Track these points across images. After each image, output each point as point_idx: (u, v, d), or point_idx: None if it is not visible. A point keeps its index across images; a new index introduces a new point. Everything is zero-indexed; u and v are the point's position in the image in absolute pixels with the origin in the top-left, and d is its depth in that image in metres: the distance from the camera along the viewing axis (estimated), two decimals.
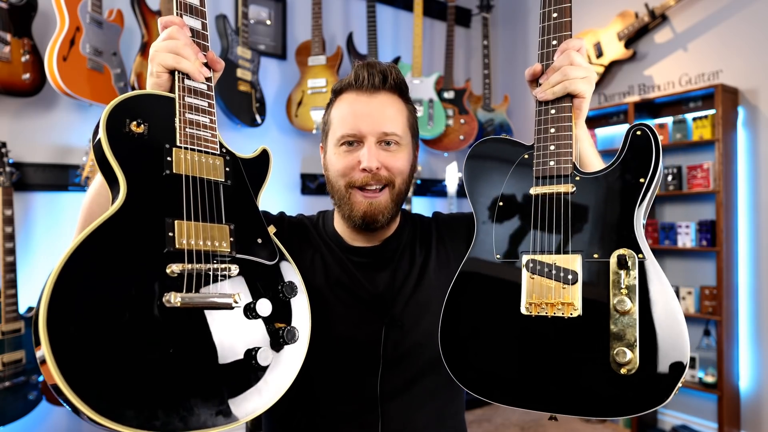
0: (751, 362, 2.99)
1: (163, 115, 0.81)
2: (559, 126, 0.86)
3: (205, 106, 0.85)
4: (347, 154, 1.01)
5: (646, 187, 0.80)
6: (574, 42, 0.87)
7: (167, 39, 0.83)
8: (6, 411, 2.17)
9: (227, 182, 0.85)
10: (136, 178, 0.76)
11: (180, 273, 0.74)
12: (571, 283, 0.80)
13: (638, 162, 0.81)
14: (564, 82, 0.85)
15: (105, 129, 0.75)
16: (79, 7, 2.35)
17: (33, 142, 2.51)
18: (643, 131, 0.82)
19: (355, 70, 1.04)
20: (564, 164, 0.85)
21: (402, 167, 1.03)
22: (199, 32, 0.87)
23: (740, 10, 3.04)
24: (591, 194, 0.83)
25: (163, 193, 0.77)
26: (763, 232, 2.96)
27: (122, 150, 0.76)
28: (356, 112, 1.01)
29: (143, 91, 0.82)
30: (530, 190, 0.87)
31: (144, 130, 0.78)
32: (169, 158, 0.79)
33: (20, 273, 2.31)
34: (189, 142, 0.82)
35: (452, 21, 3.89)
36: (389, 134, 1.01)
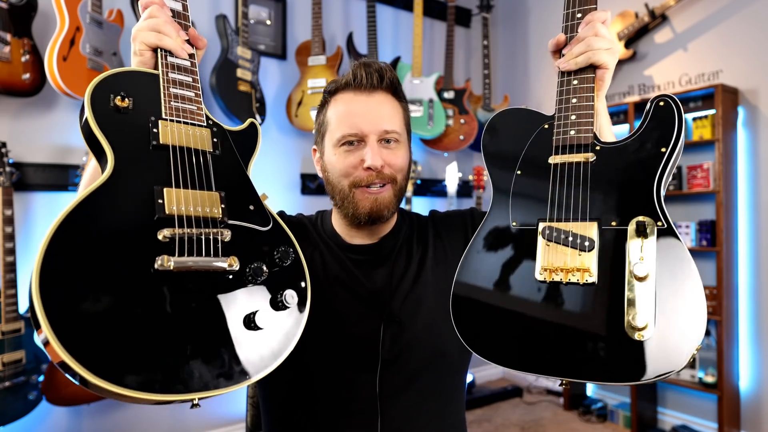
0: (751, 362, 2.99)
1: (148, 90, 0.82)
2: (580, 96, 0.86)
3: (189, 81, 0.86)
4: (349, 154, 1.02)
5: (668, 156, 0.79)
6: (599, 14, 0.87)
7: (148, 18, 0.85)
8: (6, 411, 2.17)
9: (215, 152, 0.85)
10: (124, 150, 0.77)
11: (172, 237, 0.73)
12: (588, 249, 0.79)
13: (660, 132, 0.81)
14: (588, 53, 0.85)
15: (90, 104, 0.76)
16: (79, 7, 2.36)
17: (33, 142, 2.51)
18: (666, 102, 0.81)
19: (352, 70, 1.05)
20: (585, 134, 0.85)
21: (402, 164, 1.05)
22: (180, 13, 0.89)
23: (740, 10, 3.04)
24: (611, 163, 0.83)
25: (151, 163, 0.78)
26: (763, 232, 2.96)
27: (108, 124, 0.77)
28: (356, 112, 1.01)
29: (127, 68, 0.83)
30: (549, 159, 0.87)
31: (129, 104, 0.79)
32: (156, 130, 0.80)
33: (20, 273, 2.31)
34: (175, 114, 0.82)
35: (452, 21, 3.89)
36: (390, 132, 1.02)
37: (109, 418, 2.68)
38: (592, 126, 0.85)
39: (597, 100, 0.87)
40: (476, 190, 3.66)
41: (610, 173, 0.82)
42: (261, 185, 3.21)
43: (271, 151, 3.35)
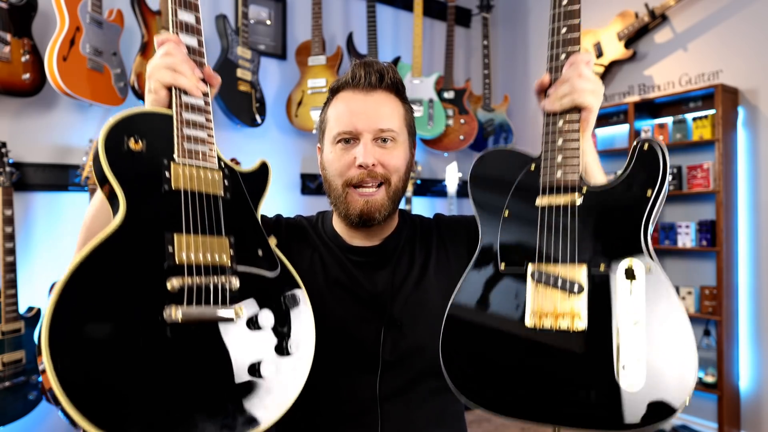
0: (751, 362, 2.99)
1: (161, 132, 0.81)
2: (566, 138, 0.87)
3: (202, 122, 0.85)
4: (343, 152, 1.01)
5: (654, 199, 0.80)
6: (583, 55, 0.88)
7: (164, 56, 0.84)
8: (6, 411, 2.17)
9: (226, 196, 0.85)
10: (136, 194, 0.77)
11: (180, 288, 0.74)
12: (577, 293, 0.80)
13: (645, 175, 0.81)
14: (572, 95, 0.86)
15: (104, 147, 0.76)
16: (79, 7, 2.35)
17: (33, 142, 2.51)
18: (650, 146, 0.82)
19: (351, 69, 1.04)
20: (571, 175, 0.85)
21: (398, 164, 1.03)
22: (196, 49, 0.88)
23: (740, 10, 3.04)
24: (598, 205, 0.83)
25: (162, 208, 0.78)
26: (763, 232, 2.96)
27: (121, 167, 0.77)
28: (352, 110, 1.01)
29: (141, 108, 0.82)
30: (536, 201, 0.87)
31: (142, 146, 0.79)
32: (168, 174, 0.79)
33: (20, 273, 2.31)
34: (187, 156, 0.82)
35: (452, 21, 3.89)
36: (385, 130, 1.01)
37: None
38: (578, 167, 0.85)
39: (582, 140, 0.87)
40: None
41: (598, 216, 0.83)
42: None
43: (271, 151, 3.34)
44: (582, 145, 0.87)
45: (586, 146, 0.89)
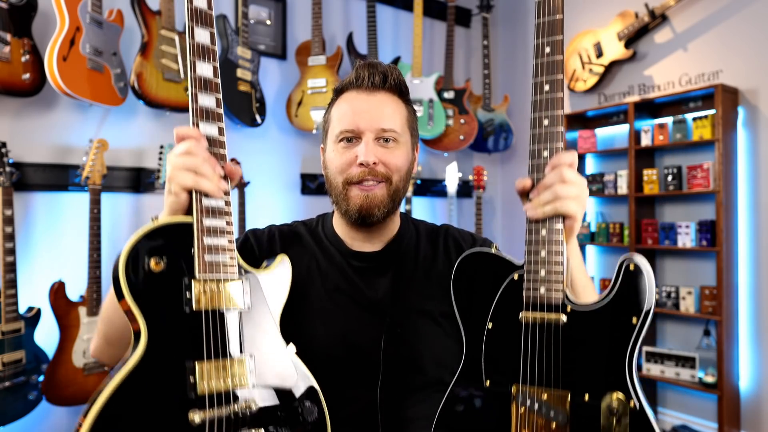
0: (751, 362, 2.99)
1: (181, 245, 0.79)
2: (550, 250, 0.83)
3: (223, 226, 0.82)
4: (345, 150, 1.02)
5: (639, 327, 0.77)
6: (566, 156, 0.83)
7: (185, 155, 0.80)
8: (6, 411, 2.17)
9: (246, 308, 0.84)
10: (157, 320, 0.76)
11: (202, 421, 0.76)
12: (561, 423, 0.79)
13: (631, 299, 0.78)
14: (555, 203, 0.82)
15: (125, 274, 0.75)
16: (79, 7, 2.35)
17: (33, 142, 2.51)
18: (636, 266, 0.78)
19: (356, 70, 1.05)
20: (555, 293, 0.82)
21: (399, 164, 1.03)
22: (216, 139, 0.84)
23: (740, 10, 3.04)
24: (582, 329, 0.81)
25: (183, 333, 0.78)
26: (763, 232, 2.96)
27: (142, 292, 0.76)
28: (355, 109, 1.02)
29: (160, 222, 0.79)
30: (520, 315, 0.84)
31: (163, 266, 0.77)
32: (189, 294, 0.78)
33: (20, 273, 2.31)
34: (208, 270, 0.80)
35: (452, 21, 3.89)
36: (387, 130, 1.01)
37: None
38: (562, 284, 0.82)
39: (567, 248, 0.84)
40: (476, 190, 3.66)
41: (582, 340, 0.81)
42: (261, 185, 3.22)
43: (271, 151, 3.34)
44: (567, 254, 0.84)
45: (572, 252, 0.86)
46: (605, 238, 3.51)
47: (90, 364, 2.37)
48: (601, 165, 3.77)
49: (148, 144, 2.84)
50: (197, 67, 0.82)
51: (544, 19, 0.85)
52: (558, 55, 0.85)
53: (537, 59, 0.87)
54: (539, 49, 0.86)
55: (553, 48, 0.85)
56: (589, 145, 3.60)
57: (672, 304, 3.18)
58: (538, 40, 0.86)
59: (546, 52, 0.85)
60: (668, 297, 3.19)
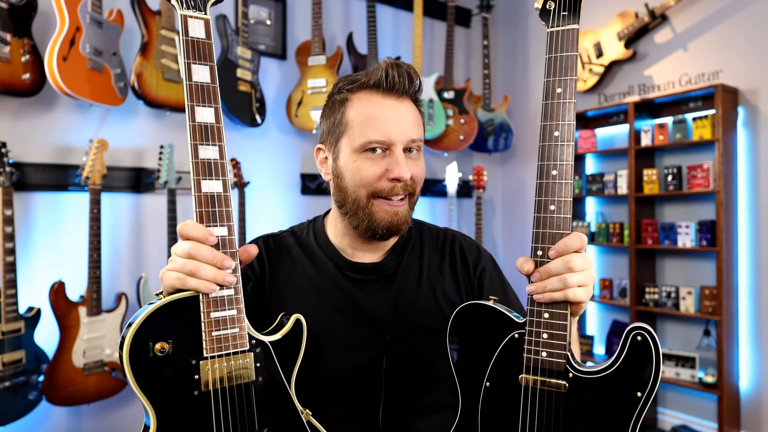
0: (751, 362, 2.99)
1: (187, 323, 0.75)
2: (553, 313, 0.79)
3: (231, 295, 0.77)
4: (372, 163, 0.92)
5: (644, 402, 0.75)
6: (575, 242, 0.77)
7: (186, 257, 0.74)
8: (6, 411, 2.16)
9: (258, 380, 0.80)
10: (165, 405, 0.73)
11: None
12: None
13: (637, 373, 0.75)
14: (565, 291, 0.76)
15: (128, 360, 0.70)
16: (79, 7, 2.35)
17: (33, 142, 2.51)
18: (644, 337, 0.75)
19: (384, 69, 0.94)
20: (557, 358, 0.78)
21: (423, 176, 0.99)
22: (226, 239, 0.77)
23: (740, 10, 3.04)
24: (584, 397, 0.77)
25: (193, 413, 0.74)
26: (763, 232, 2.96)
27: (148, 377, 0.72)
28: (387, 118, 0.92)
29: (164, 300, 0.74)
30: (519, 377, 0.81)
31: (169, 348, 0.73)
32: (197, 376, 0.74)
33: (20, 273, 2.31)
34: (216, 348, 0.76)
35: (452, 21, 3.89)
36: (415, 141, 0.95)
37: (109, 418, 2.68)
38: (564, 349, 0.78)
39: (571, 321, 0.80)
40: (476, 190, 3.66)
41: (583, 409, 0.77)
42: (261, 185, 3.21)
43: (271, 151, 3.34)
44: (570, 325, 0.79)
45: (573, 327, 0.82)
46: (605, 238, 3.52)
47: (90, 365, 2.37)
48: (601, 165, 3.77)
49: (148, 144, 2.84)
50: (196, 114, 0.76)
51: (557, 54, 0.78)
52: (570, 98, 0.78)
53: (546, 100, 0.79)
54: (549, 88, 0.79)
55: (565, 90, 0.78)
56: (589, 145, 3.60)
57: (672, 304, 3.18)
58: (550, 78, 0.79)
59: (557, 93, 0.78)
60: (668, 297, 3.19)
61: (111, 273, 2.69)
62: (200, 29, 0.78)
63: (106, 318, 2.45)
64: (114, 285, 2.69)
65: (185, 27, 0.76)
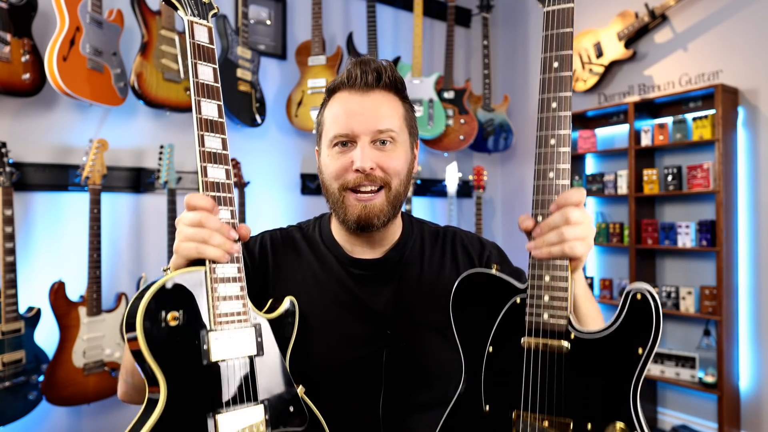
0: (751, 362, 2.99)
1: (194, 297, 0.79)
2: (554, 275, 0.80)
3: (234, 273, 0.83)
4: (340, 155, 0.97)
5: (645, 358, 0.76)
6: (573, 195, 0.78)
7: (195, 226, 0.78)
8: (6, 411, 2.17)
9: (260, 353, 0.85)
10: (176, 373, 0.76)
11: None
12: None
13: (637, 330, 0.76)
14: (562, 245, 0.77)
15: (142, 330, 0.74)
16: (79, 7, 2.35)
17: (33, 142, 2.51)
18: (644, 296, 0.76)
19: (348, 69, 1.00)
20: (559, 319, 0.80)
21: (398, 167, 0.98)
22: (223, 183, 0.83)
23: (740, 10, 3.04)
24: (586, 357, 0.79)
25: (202, 383, 0.79)
26: (763, 232, 2.96)
27: (160, 348, 0.75)
28: (349, 111, 0.97)
29: (173, 275, 0.79)
30: (522, 340, 0.82)
31: (180, 320, 0.77)
32: (206, 346, 0.79)
33: (20, 273, 2.31)
34: (222, 322, 0.81)
35: (452, 21, 3.89)
36: (383, 131, 0.96)
37: (109, 418, 2.68)
38: (566, 310, 0.79)
39: (573, 279, 0.81)
40: (476, 190, 3.66)
41: (585, 368, 0.79)
42: (261, 185, 3.21)
43: (271, 151, 3.34)
44: (572, 283, 0.81)
45: (576, 277, 0.83)
46: (605, 238, 3.52)
47: (90, 364, 2.37)
48: (601, 165, 3.77)
49: (148, 144, 2.84)
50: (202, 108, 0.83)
51: (553, 31, 0.81)
52: (566, 71, 0.80)
53: (544, 74, 0.81)
54: (547, 63, 0.81)
55: (562, 63, 0.80)
56: (589, 145, 3.60)
57: (672, 304, 3.18)
58: (546, 54, 0.81)
59: (554, 67, 0.80)
60: (668, 297, 3.19)
61: (111, 273, 2.69)
62: (204, 35, 0.85)
63: (106, 318, 2.45)
64: (114, 285, 2.69)
65: (191, 31, 0.84)
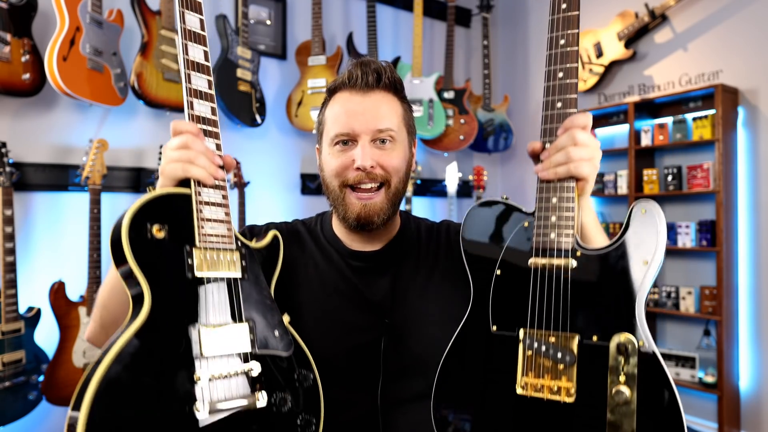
0: (751, 362, 2.99)
1: (181, 214, 0.81)
2: (561, 197, 0.83)
3: (219, 200, 0.85)
4: (341, 154, 1.00)
5: (650, 269, 0.76)
6: (579, 118, 0.82)
7: (181, 148, 0.81)
8: (6, 411, 2.17)
9: (245, 276, 0.87)
10: (160, 284, 0.77)
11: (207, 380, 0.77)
12: (568, 365, 0.78)
13: (642, 241, 0.78)
14: (568, 165, 0.81)
15: (128, 238, 0.75)
16: (79, 7, 2.35)
17: (33, 142, 2.51)
18: (647, 210, 0.78)
19: (348, 69, 1.02)
20: (565, 237, 0.81)
21: (397, 165, 1.01)
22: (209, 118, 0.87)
23: (740, 10, 3.04)
24: (592, 272, 0.80)
25: (186, 297, 0.79)
26: (763, 232, 2.96)
27: (145, 257, 0.76)
28: (349, 111, 0.99)
29: (161, 191, 0.81)
30: (529, 261, 0.84)
31: (165, 233, 0.79)
32: (191, 261, 0.80)
33: (20, 273, 2.31)
34: (208, 241, 0.83)
35: (452, 21, 3.89)
36: (383, 131, 0.99)
37: None
38: (572, 230, 0.81)
39: (579, 202, 0.83)
40: (476, 190, 3.66)
41: (592, 283, 0.80)
42: (261, 185, 3.21)
43: (271, 151, 3.34)
44: (579, 203, 0.83)
45: (584, 204, 0.86)
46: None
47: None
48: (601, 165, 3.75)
49: (148, 144, 2.84)
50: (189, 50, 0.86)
51: (559, 15, 0.85)
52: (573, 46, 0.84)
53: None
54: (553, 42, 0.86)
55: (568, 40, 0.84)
56: None
57: (672, 304, 3.18)
58: (553, 34, 0.86)
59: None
60: (668, 297, 3.19)
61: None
62: None
63: None
64: None
65: None
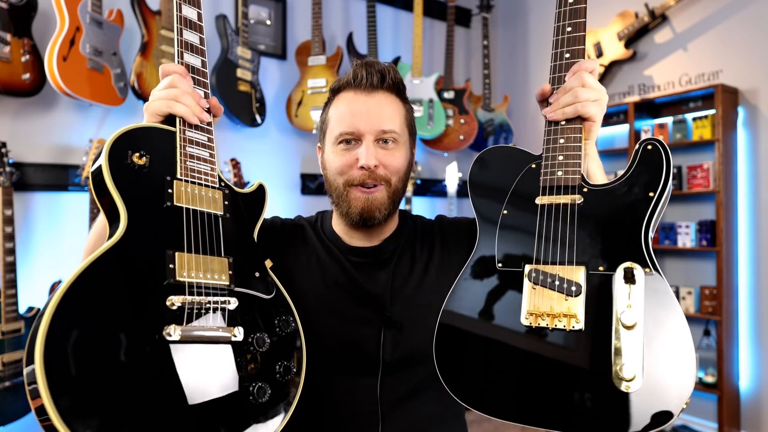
0: (751, 362, 2.99)
1: (164, 149, 0.82)
2: (568, 137, 0.85)
3: (204, 141, 0.87)
4: (345, 152, 1.01)
5: (656, 201, 0.78)
6: (588, 63, 0.85)
7: (167, 87, 0.84)
8: (6, 411, 2.17)
9: (226, 215, 0.86)
10: (137, 209, 0.76)
11: (180, 306, 0.74)
12: (575, 294, 0.78)
13: (648, 176, 0.80)
14: (575, 104, 0.84)
15: (107, 159, 0.76)
16: (79, 7, 2.35)
17: (33, 142, 2.51)
18: (655, 146, 0.81)
19: (353, 69, 1.04)
20: (572, 175, 0.84)
21: (399, 165, 1.03)
22: (199, 69, 0.89)
23: (740, 10, 3.04)
24: (598, 206, 0.82)
25: (163, 224, 0.78)
26: (763, 232, 2.96)
27: (123, 181, 0.76)
28: (354, 111, 1.01)
29: (146, 123, 0.83)
30: (536, 200, 0.86)
31: (145, 162, 0.79)
32: (170, 190, 0.80)
33: (20, 273, 2.31)
34: (189, 175, 0.83)
35: (452, 21, 3.89)
36: (387, 132, 1.01)
37: None
38: (579, 167, 0.84)
39: (585, 144, 0.86)
40: None
41: (598, 216, 0.81)
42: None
43: (271, 151, 3.34)
44: (585, 149, 0.86)
45: (590, 150, 0.88)
46: None
47: None
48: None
49: None
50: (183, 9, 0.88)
51: (566, 8, 0.87)
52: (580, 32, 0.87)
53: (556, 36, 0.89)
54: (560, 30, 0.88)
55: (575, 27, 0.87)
56: None
57: None
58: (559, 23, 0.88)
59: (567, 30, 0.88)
60: None
61: None
62: None
63: None
64: None
65: None
